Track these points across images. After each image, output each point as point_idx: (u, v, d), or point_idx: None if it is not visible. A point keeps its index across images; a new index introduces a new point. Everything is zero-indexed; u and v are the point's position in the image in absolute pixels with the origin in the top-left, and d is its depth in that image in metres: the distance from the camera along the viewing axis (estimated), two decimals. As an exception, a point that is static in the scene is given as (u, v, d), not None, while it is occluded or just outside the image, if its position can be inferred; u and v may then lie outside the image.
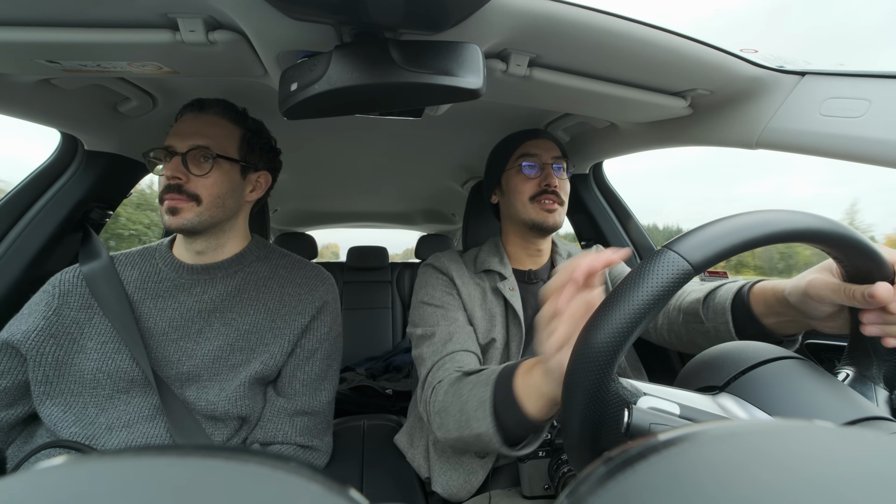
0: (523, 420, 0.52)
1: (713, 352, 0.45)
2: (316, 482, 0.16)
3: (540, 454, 0.69)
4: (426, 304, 0.84)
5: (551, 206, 0.84)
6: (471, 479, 0.76)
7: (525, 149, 0.88)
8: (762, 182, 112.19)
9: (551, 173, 0.85)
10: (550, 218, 0.85)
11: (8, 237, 0.89)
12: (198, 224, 0.73)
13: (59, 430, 0.67)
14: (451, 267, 0.88)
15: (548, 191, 0.84)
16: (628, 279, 0.35)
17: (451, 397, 0.64)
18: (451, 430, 0.63)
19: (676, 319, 0.75)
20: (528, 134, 0.91)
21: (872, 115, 0.59)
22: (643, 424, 0.33)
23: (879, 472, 0.16)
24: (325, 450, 0.83)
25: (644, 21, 0.57)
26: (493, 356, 0.83)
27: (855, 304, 0.43)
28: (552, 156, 0.87)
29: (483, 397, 0.58)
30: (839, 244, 0.38)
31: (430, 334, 0.78)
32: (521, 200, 0.86)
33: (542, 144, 0.88)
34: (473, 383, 0.62)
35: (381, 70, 0.49)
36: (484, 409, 0.57)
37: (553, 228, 0.86)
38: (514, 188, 0.88)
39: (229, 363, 0.75)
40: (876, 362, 0.43)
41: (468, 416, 0.59)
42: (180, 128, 0.75)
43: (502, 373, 0.58)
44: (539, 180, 0.86)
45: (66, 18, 0.55)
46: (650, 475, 0.17)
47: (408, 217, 2.59)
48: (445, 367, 0.71)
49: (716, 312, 0.65)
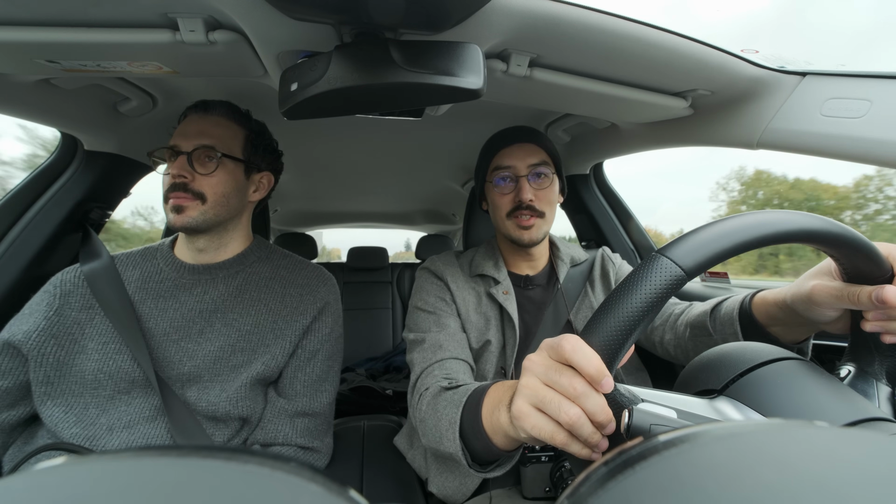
0: (491, 448, 0.52)
1: (711, 354, 0.45)
2: (316, 483, 0.16)
3: (543, 459, 0.69)
4: (419, 309, 0.84)
5: (526, 223, 0.81)
6: (466, 482, 0.76)
7: (498, 160, 0.85)
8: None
9: (525, 186, 0.81)
10: (526, 235, 0.82)
11: (8, 237, 0.89)
12: (202, 222, 0.74)
13: (60, 431, 0.67)
14: (445, 271, 0.87)
15: (522, 206, 0.81)
16: (622, 286, 0.35)
17: (430, 411, 0.65)
18: (430, 440, 0.64)
19: (683, 334, 0.75)
20: (504, 140, 0.86)
21: (874, 116, 0.59)
22: (643, 426, 0.33)
23: (879, 473, 0.16)
24: (325, 451, 0.83)
25: (645, 21, 0.57)
26: (489, 359, 0.83)
27: (861, 307, 0.42)
28: (528, 164, 0.82)
29: (452, 419, 0.58)
30: (836, 243, 0.38)
31: (421, 340, 0.78)
32: (499, 216, 0.85)
33: (517, 153, 0.84)
34: (448, 401, 0.62)
35: (382, 70, 0.49)
36: (453, 430, 0.57)
37: (530, 244, 0.84)
38: (492, 202, 0.87)
39: (230, 364, 0.75)
40: (878, 358, 0.43)
41: (441, 434, 0.59)
42: (185, 128, 0.75)
43: (472, 396, 0.58)
44: (513, 195, 0.83)
45: (66, 18, 0.55)
46: (650, 476, 0.17)
47: (408, 217, 2.59)
48: (434, 375, 0.72)
49: (723, 324, 0.65)
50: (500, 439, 0.50)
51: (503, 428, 0.47)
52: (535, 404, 0.38)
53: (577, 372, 0.36)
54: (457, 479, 0.77)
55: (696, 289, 1.17)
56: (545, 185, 0.84)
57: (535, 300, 0.89)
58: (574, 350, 0.35)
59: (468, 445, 0.56)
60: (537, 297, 0.90)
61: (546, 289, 0.91)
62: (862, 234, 0.38)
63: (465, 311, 0.84)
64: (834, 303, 0.45)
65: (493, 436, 0.51)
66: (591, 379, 0.35)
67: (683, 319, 0.76)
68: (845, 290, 0.43)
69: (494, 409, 0.51)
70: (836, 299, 0.44)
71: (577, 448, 0.36)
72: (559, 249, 0.94)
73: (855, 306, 0.43)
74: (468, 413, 0.56)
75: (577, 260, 0.94)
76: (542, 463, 0.69)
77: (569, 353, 0.35)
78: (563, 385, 0.36)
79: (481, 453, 0.55)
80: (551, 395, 0.37)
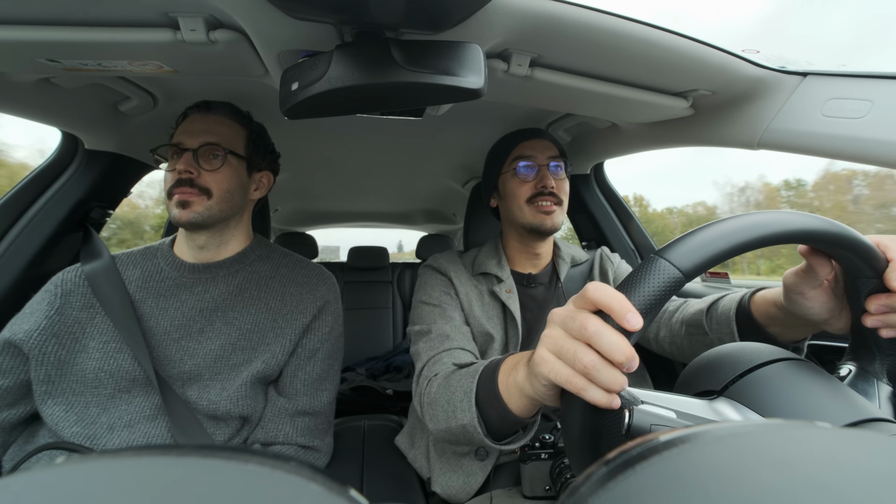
0: (507, 415, 0.52)
1: (711, 355, 0.44)
2: (316, 482, 0.16)
3: (543, 456, 0.69)
4: (424, 303, 0.84)
5: (549, 208, 0.83)
6: (470, 481, 0.76)
7: (520, 150, 0.87)
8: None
9: (547, 174, 0.84)
10: (548, 220, 0.84)
11: (8, 236, 0.90)
12: (207, 218, 0.74)
13: (60, 430, 0.67)
14: (449, 268, 0.88)
15: (544, 192, 0.83)
16: (620, 288, 0.35)
17: (442, 389, 0.64)
18: (440, 420, 0.63)
19: (679, 331, 0.75)
20: (523, 134, 0.89)
21: (875, 116, 0.59)
22: (644, 425, 0.33)
23: (880, 474, 0.16)
24: (325, 450, 0.83)
25: (646, 21, 0.57)
26: (492, 355, 0.83)
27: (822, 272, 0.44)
28: (548, 156, 0.85)
29: (468, 388, 0.58)
30: (833, 242, 0.38)
31: (427, 331, 0.79)
32: (517, 203, 0.86)
33: (538, 145, 0.87)
34: (462, 374, 0.62)
35: (383, 70, 0.49)
36: (468, 399, 0.57)
37: (552, 231, 0.85)
38: (510, 191, 0.87)
39: (231, 362, 0.75)
40: (879, 357, 0.43)
41: (454, 406, 0.59)
42: (189, 126, 0.76)
43: (488, 366, 0.58)
44: (535, 182, 0.85)
45: (67, 17, 0.55)
46: (651, 476, 0.17)
47: (408, 217, 2.59)
48: (443, 362, 0.71)
49: (720, 323, 0.65)
50: (515, 402, 0.50)
51: (519, 386, 0.48)
52: (554, 352, 0.38)
53: (595, 315, 0.35)
54: (461, 476, 0.77)
55: (696, 288, 1.17)
56: (562, 177, 0.86)
57: (538, 298, 0.89)
58: (596, 289, 0.35)
59: (483, 416, 0.56)
60: (539, 296, 0.90)
61: (548, 287, 0.91)
62: (858, 233, 0.38)
63: (468, 306, 0.84)
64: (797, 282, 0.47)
65: (509, 399, 0.51)
66: (615, 313, 0.34)
67: (679, 317, 0.76)
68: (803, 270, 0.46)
69: (512, 370, 0.51)
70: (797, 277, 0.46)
71: (595, 394, 0.35)
72: (560, 249, 0.94)
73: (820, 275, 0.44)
74: (484, 381, 0.57)
75: (578, 260, 0.95)
76: (541, 460, 0.69)
77: (591, 292, 0.35)
78: (577, 327, 0.36)
79: (496, 424, 0.55)
80: (570, 342, 0.37)
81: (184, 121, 0.78)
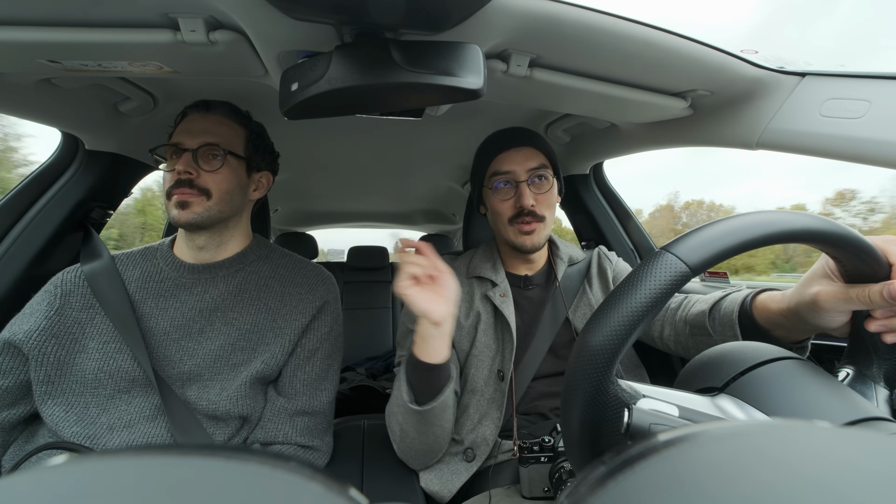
0: (419, 365, 0.68)
1: (712, 353, 0.45)
2: (316, 482, 0.16)
3: (542, 459, 0.69)
4: (411, 330, 0.81)
5: (528, 228, 0.81)
6: (453, 479, 0.77)
7: (497, 165, 0.84)
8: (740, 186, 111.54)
9: (526, 192, 0.80)
10: (528, 241, 0.82)
11: (9, 237, 0.90)
12: (206, 218, 0.74)
13: (60, 430, 0.67)
14: None
15: (523, 212, 0.81)
16: (626, 281, 0.35)
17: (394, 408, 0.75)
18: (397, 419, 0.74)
19: (683, 331, 0.75)
20: (500, 144, 0.85)
21: (873, 116, 0.59)
22: (643, 425, 0.33)
23: (879, 473, 0.16)
24: (325, 450, 0.83)
25: (645, 22, 0.57)
26: (484, 363, 0.83)
27: (873, 306, 0.41)
28: (528, 168, 0.82)
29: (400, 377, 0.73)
30: (837, 243, 0.38)
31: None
32: (501, 221, 0.84)
33: (516, 157, 0.82)
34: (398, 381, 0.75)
35: (382, 70, 0.49)
36: (400, 379, 0.72)
37: (532, 250, 0.84)
38: (492, 207, 0.86)
39: (230, 362, 0.75)
40: (876, 361, 0.43)
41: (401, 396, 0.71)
42: (188, 126, 0.76)
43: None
44: (514, 201, 0.82)
45: (67, 18, 0.55)
46: (650, 475, 0.17)
47: (408, 217, 2.59)
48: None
49: (723, 325, 0.64)
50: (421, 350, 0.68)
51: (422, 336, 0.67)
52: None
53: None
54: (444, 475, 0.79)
55: (696, 288, 1.17)
56: (545, 189, 0.83)
57: (534, 300, 0.89)
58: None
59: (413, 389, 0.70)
60: (536, 297, 0.90)
61: (545, 288, 0.91)
62: (861, 235, 0.39)
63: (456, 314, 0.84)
64: (842, 306, 0.44)
65: (419, 352, 0.67)
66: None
67: (682, 315, 0.76)
68: (852, 292, 0.42)
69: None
70: (845, 302, 0.43)
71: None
72: (558, 248, 0.94)
73: (866, 306, 0.42)
74: (407, 365, 0.71)
75: (575, 259, 0.94)
76: (541, 464, 0.69)
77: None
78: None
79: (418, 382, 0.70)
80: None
81: (183, 120, 0.78)
